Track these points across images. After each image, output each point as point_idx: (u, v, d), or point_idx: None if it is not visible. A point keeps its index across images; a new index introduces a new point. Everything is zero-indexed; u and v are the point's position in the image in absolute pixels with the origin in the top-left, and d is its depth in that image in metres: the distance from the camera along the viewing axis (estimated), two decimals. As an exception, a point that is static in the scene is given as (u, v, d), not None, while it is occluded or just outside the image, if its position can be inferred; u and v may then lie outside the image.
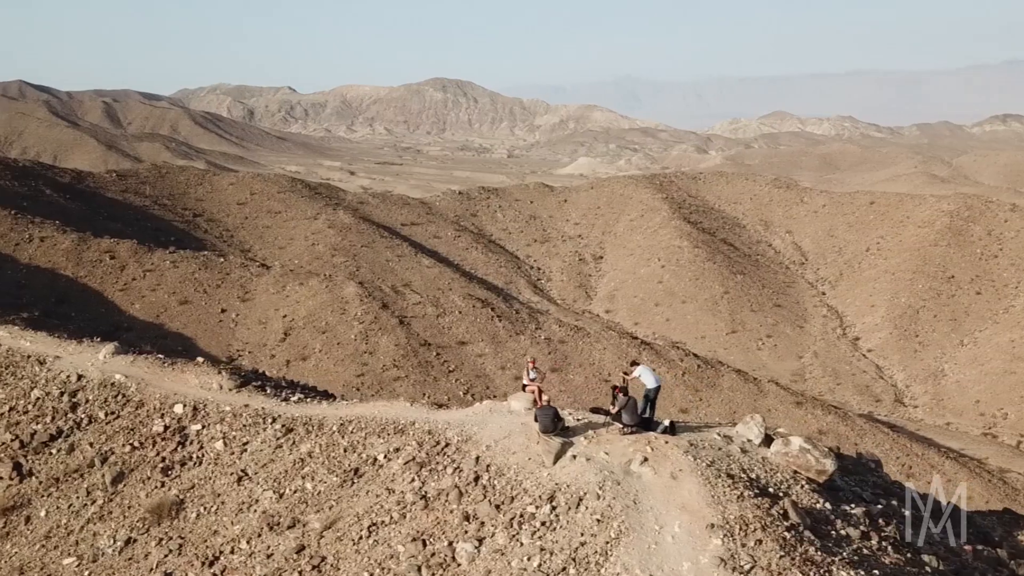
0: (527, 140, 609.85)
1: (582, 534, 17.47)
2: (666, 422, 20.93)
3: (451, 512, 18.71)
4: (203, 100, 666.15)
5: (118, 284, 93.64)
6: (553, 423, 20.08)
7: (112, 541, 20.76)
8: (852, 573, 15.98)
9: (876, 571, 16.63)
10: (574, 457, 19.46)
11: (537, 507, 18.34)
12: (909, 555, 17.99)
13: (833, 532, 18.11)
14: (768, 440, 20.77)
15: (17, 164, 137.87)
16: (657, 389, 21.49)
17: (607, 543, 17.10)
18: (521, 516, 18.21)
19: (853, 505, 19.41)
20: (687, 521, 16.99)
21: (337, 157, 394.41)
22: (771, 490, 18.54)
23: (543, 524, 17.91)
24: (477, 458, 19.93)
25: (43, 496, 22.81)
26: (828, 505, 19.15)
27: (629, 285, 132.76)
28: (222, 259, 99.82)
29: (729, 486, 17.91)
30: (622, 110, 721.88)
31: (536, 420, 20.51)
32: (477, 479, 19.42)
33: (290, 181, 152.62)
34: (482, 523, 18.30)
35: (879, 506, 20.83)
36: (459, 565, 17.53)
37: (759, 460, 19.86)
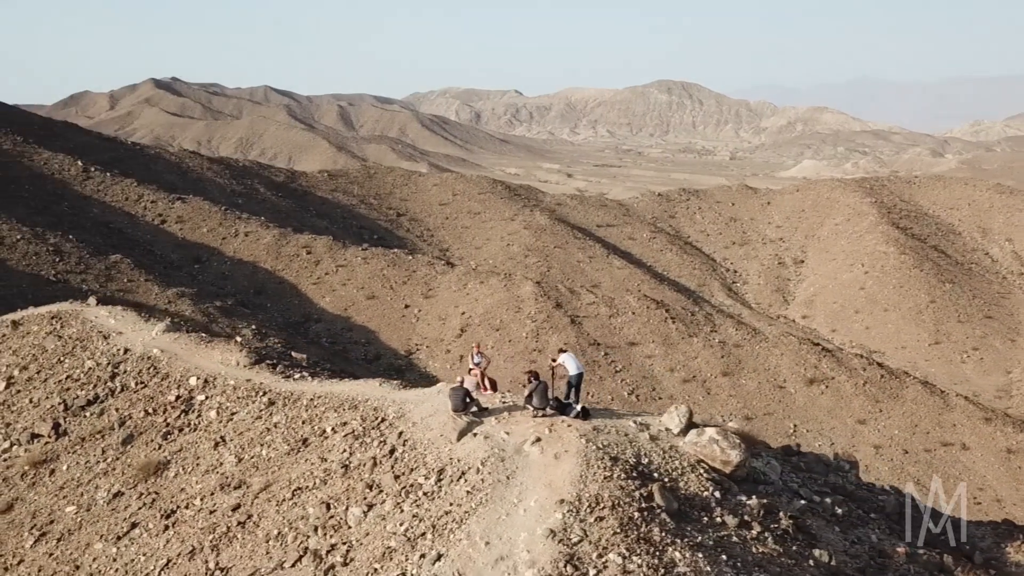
0: (752, 142, 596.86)
1: (451, 504, 18.73)
2: (578, 407, 21.55)
3: (361, 480, 20.45)
4: (433, 103, 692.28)
5: (312, 278, 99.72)
6: (463, 403, 21.38)
7: (106, 493, 23.81)
8: (688, 554, 16.41)
9: (724, 555, 17.02)
10: (475, 435, 20.63)
11: (426, 478, 19.76)
12: (795, 548, 17.88)
13: (705, 518, 18.55)
14: (689, 431, 20.95)
15: (237, 164, 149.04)
16: (579, 376, 22.44)
17: (466, 513, 18.31)
18: (411, 486, 19.69)
19: (754, 497, 19.40)
20: (544, 496, 17.88)
21: (557, 159, 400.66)
22: (655, 475, 19.12)
23: (425, 494, 19.28)
24: (400, 433, 21.52)
25: (69, 453, 26.20)
26: (717, 494, 19.53)
27: (829, 291, 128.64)
28: (410, 257, 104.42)
29: (605, 468, 18.60)
30: (855, 112, 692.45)
31: (450, 400, 21.60)
32: (392, 452, 21.02)
33: (491, 183, 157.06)
34: (380, 491, 19.88)
35: (805, 502, 20.65)
36: (349, 528, 19.16)
37: (666, 448, 20.36)
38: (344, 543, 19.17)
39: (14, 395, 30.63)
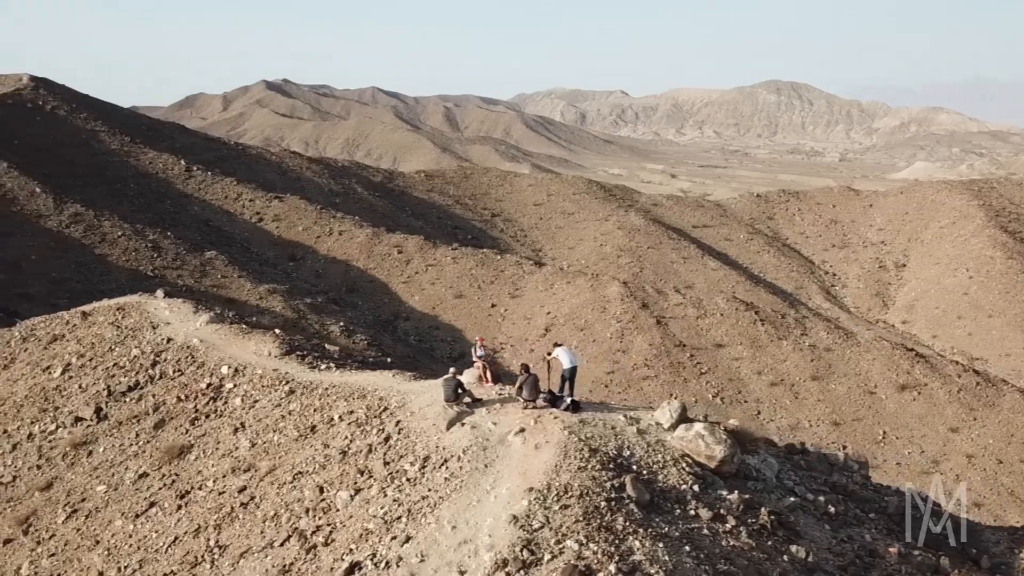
0: (863, 144, 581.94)
1: (429, 490, 19.37)
2: (568, 400, 21.83)
3: (354, 466, 21.27)
4: (538, 104, 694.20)
5: (402, 276, 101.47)
6: (454, 393, 21.99)
7: (133, 474, 25.18)
8: (648, 543, 16.75)
9: (688, 546, 17.25)
10: (463, 425, 21.17)
11: (412, 465, 20.47)
12: (771, 543, 17.92)
13: (678, 510, 18.80)
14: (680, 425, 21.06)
15: (335, 164, 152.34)
16: (573, 369, 22.73)
17: (440, 498, 18.97)
18: (397, 472, 20.43)
19: (735, 492, 19.51)
20: (516, 485, 18.35)
21: (661, 160, 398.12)
22: (634, 467, 19.38)
23: (408, 480, 19.95)
24: (398, 422, 22.26)
25: (107, 436, 27.70)
26: (696, 488, 19.75)
27: (931, 296, 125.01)
28: (499, 257, 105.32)
29: (581, 459, 18.99)
30: (972, 112, 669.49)
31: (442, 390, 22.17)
32: (387, 439, 21.77)
33: (586, 183, 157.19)
34: (370, 476, 20.63)
35: (795, 499, 20.59)
36: (337, 510, 19.95)
37: (652, 441, 20.59)
38: (329, 525, 20.03)
39: (67, 380, 32.49)
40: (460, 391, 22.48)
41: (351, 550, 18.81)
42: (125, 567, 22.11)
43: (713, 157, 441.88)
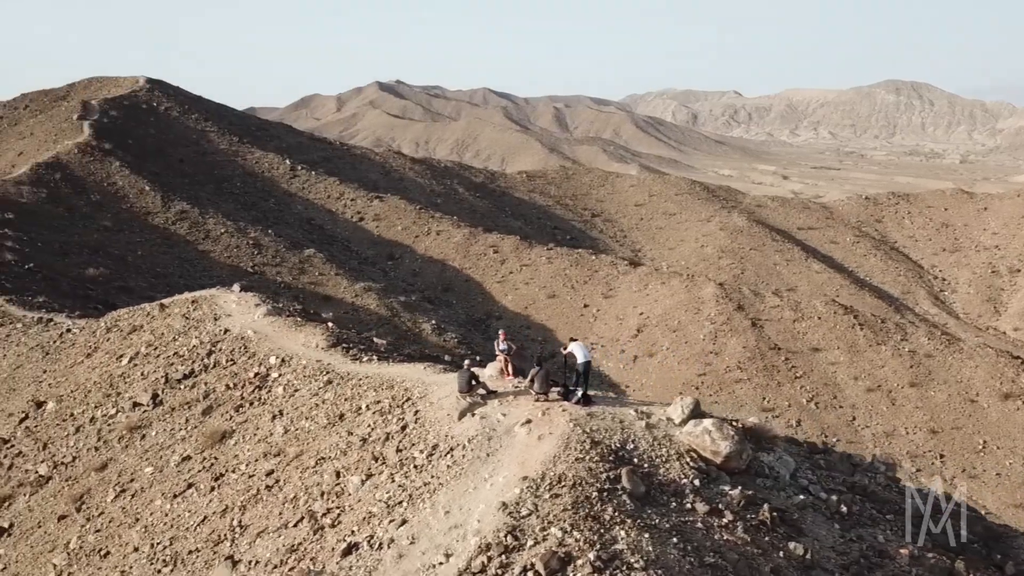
0: (986, 145, 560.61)
1: (432, 477, 20.03)
2: (579, 393, 22.12)
3: (370, 453, 21.97)
4: (649, 105, 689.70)
5: (497, 276, 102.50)
6: (468, 384, 22.61)
7: (178, 457, 26.54)
8: (634, 534, 17.07)
9: (676, 538, 17.46)
10: (474, 415, 21.66)
11: (421, 452, 21.20)
12: (767, 539, 17.94)
13: (674, 503, 18.94)
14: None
15: (438, 164, 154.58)
16: (586, 364, 22.91)
17: (440, 485, 19.55)
18: (407, 459, 21.18)
19: (738, 488, 19.61)
20: (513, 473, 18.84)
21: (773, 161, 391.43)
22: (635, 460, 19.61)
23: (415, 467, 20.63)
24: (416, 412, 22.99)
25: (160, 420, 29.19)
26: (696, 482, 19.82)
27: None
28: (593, 257, 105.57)
29: (581, 450, 19.33)
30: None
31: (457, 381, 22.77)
32: (404, 428, 22.51)
33: (689, 184, 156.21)
34: (383, 463, 21.44)
35: (805, 498, 20.49)
36: (348, 495, 20.69)
37: (659, 436, 20.80)
38: (339, 508, 20.87)
39: (131, 368, 34.26)
40: (474, 383, 23.07)
41: (353, 532, 19.62)
42: (157, 543, 23.42)
43: (827, 159, 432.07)
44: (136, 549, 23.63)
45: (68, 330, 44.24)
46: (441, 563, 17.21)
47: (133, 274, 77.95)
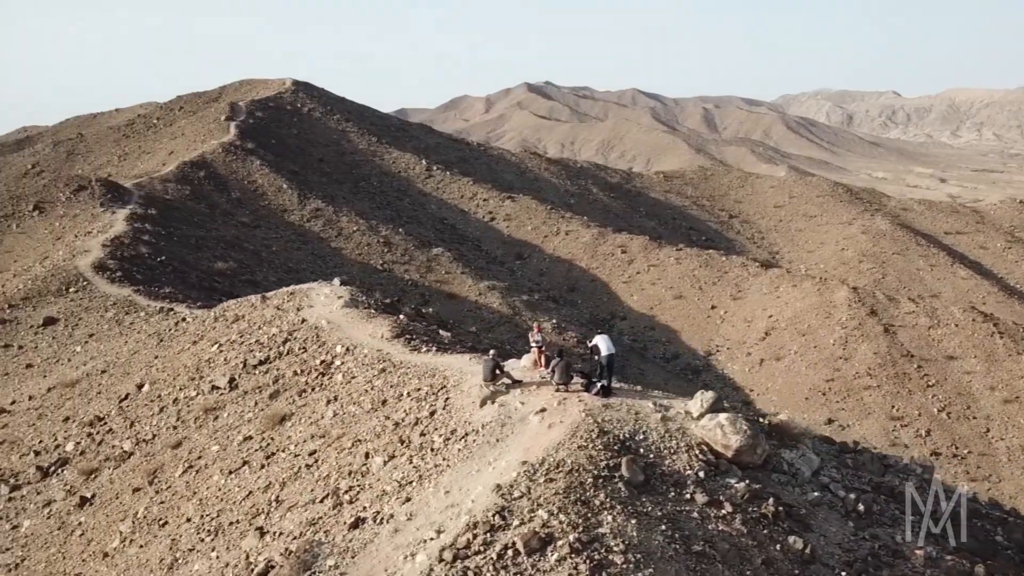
0: None
1: (443, 459, 20.96)
2: (599, 385, 22.46)
3: (398, 436, 22.98)
4: (802, 105, 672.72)
5: (623, 276, 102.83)
6: (491, 373, 23.41)
7: (241, 437, 28.20)
8: (621, 519, 17.62)
9: (665, 525, 17.89)
10: (494, 403, 22.33)
11: (440, 437, 22.25)
12: (766, 532, 18.05)
13: (672, 493, 19.28)
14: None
15: (573, 164, 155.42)
16: (610, 357, 23.28)
17: (448, 467, 20.20)
18: (426, 443, 22.25)
19: (744, 482, 19.85)
20: (515, 458, 19.55)
21: (931, 164, 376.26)
22: (641, 450, 19.87)
23: (432, 450, 21.55)
24: (447, 399, 23.96)
25: (232, 403, 31.03)
26: (701, 474, 20.06)
27: None
28: (723, 258, 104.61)
29: (587, 439, 19.84)
30: None
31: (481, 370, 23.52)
32: (433, 414, 23.53)
33: (831, 185, 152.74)
34: (407, 445, 22.49)
35: (819, 494, 20.39)
36: (370, 474, 21.65)
37: (673, 429, 21.16)
38: (359, 486, 21.99)
39: (218, 354, 36.39)
40: (498, 371, 23.83)
41: (364, 508, 20.74)
42: (207, 515, 25.12)
43: (990, 161, 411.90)
44: (189, 520, 25.41)
45: (183, 319, 46.98)
46: (432, 538, 18.03)
47: (265, 269, 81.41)
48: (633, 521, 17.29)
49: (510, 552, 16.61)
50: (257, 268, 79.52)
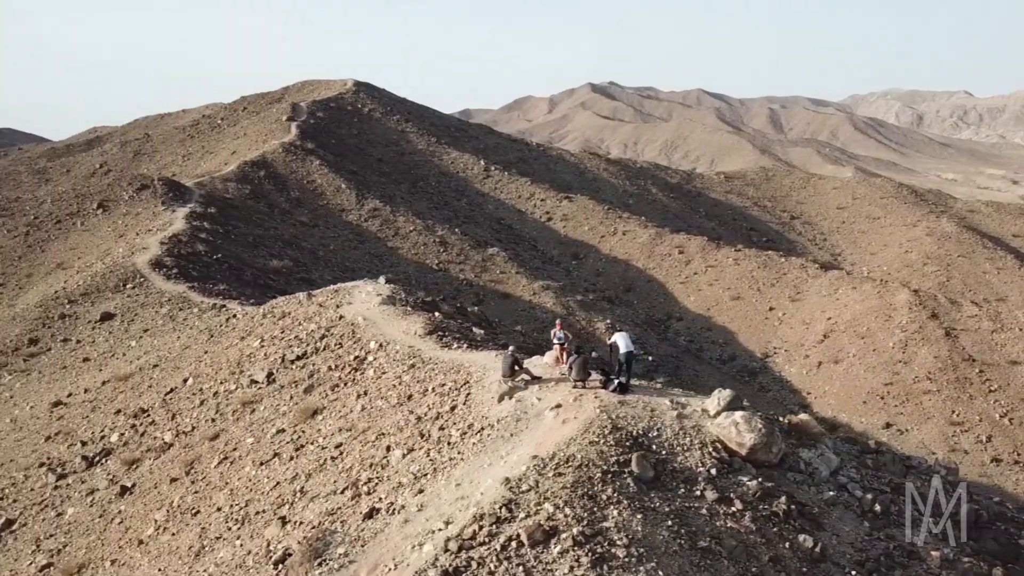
0: None
1: (457, 453, 21.30)
2: (617, 381, 22.59)
3: (419, 430, 23.40)
4: (871, 105, 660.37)
5: (680, 277, 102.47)
6: (510, 369, 23.72)
7: (274, 430, 28.79)
8: (626, 514, 17.88)
9: (671, 520, 18.10)
10: (511, 399, 22.56)
11: (457, 431, 22.51)
12: (776, 529, 18.09)
13: (682, 489, 19.49)
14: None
15: (633, 165, 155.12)
16: (629, 354, 23.40)
17: (462, 460, 20.53)
18: (444, 437, 22.65)
19: (755, 480, 20.08)
20: (527, 452, 19.86)
21: (1003, 165, 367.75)
22: (653, 447, 20.08)
23: (448, 444, 21.93)
24: (468, 394, 24.38)
25: (269, 396, 31.73)
26: (713, 471, 20.22)
27: None
28: (783, 259, 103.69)
29: (599, 435, 20.12)
30: None
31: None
32: (454, 408, 23.95)
33: (895, 187, 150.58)
34: (426, 439, 22.85)
35: (835, 494, 20.39)
36: (390, 466, 22.07)
37: (688, 426, 21.35)
38: (377, 478, 22.47)
39: (259, 349, 37.19)
40: (516, 367, 24.12)
41: (380, 499, 21.17)
42: (235, 504, 25.80)
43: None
44: (219, 509, 26.13)
45: (234, 315, 47.96)
46: (440, 529, 18.45)
47: (321, 267, 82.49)
48: (639, 516, 17.50)
49: (514, 544, 16.96)
50: (313, 267, 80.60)
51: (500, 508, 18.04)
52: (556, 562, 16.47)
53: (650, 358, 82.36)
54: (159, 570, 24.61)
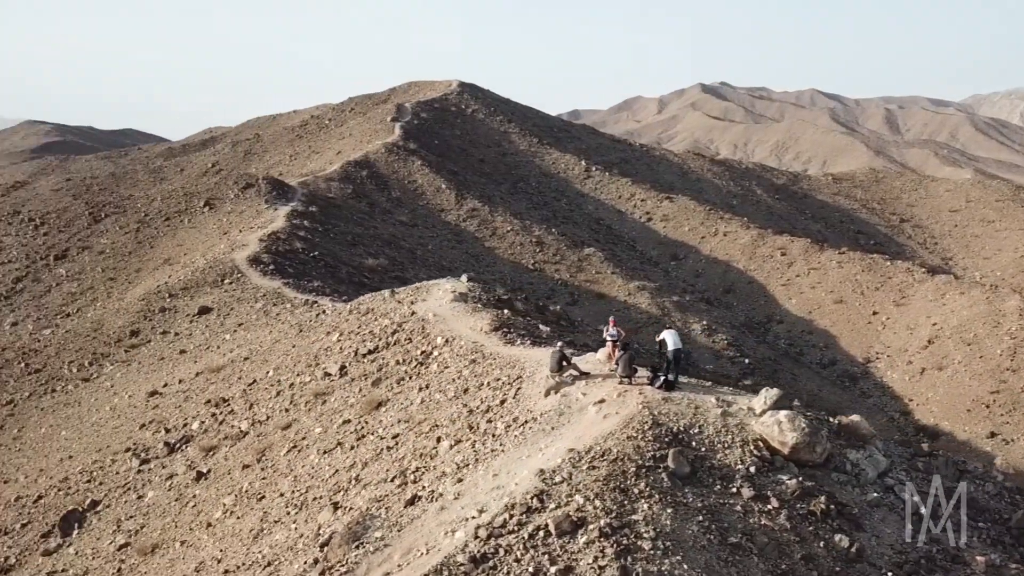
0: None
1: (500, 445, 21.82)
2: (663, 378, 22.74)
3: (469, 423, 23.91)
4: (995, 105, 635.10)
5: (782, 279, 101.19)
6: (558, 365, 24.13)
7: (340, 421, 29.57)
8: (657, 508, 18.20)
9: (702, 516, 18.32)
10: (557, 393, 22.90)
11: (503, 424, 22.99)
12: (812, 528, 18.07)
13: (718, 486, 19.61)
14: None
15: (738, 166, 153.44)
16: (677, 351, 23.39)
17: (503, 452, 20.88)
18: (490, 430, 23.11)
19: (795, 479, 20.03)
20: (565, 446, 20.23)
21: None
22: (693, 444, 20.22)
23: (493, 436, 22.44)
24: (519, 389, 24.87)
25: (340, 388, 32.78)
26: (752, 469, 20.29)
27: None
28: (888, 263, 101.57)
29: (638, 430, 20.35)
30: None
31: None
32: (503, 402, 24.51)
33: (1012, 189, 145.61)
34: (474, 431, 23.35)
35: (878, 495, 20.38)
36: (438, 456, 22.75)
37: (731, 424, 21.46)
38: (424, 467, 23.17)
39: (335, 343, 38.25)
40: (564, 363, 24.47)
41: (424, 487, 21.79)
42: (297, 491, 26.87)
43: None
44: (282, 495, 27.22)
45: (323, 311, 49.35)
46: (473, 517, 19.02)
47: (417, 266, 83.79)
48: (669, 510, 17.75)
49: (541, 533, 17.44)
50: (409, 266, 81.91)
51: (532, 498, 18.51)
52: (581, 552, 16.84)
53: (746, 360, 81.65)
54: (220, 551, 25.83)
